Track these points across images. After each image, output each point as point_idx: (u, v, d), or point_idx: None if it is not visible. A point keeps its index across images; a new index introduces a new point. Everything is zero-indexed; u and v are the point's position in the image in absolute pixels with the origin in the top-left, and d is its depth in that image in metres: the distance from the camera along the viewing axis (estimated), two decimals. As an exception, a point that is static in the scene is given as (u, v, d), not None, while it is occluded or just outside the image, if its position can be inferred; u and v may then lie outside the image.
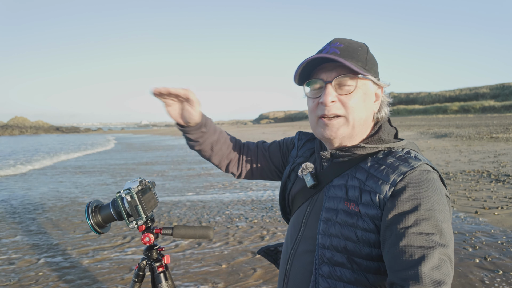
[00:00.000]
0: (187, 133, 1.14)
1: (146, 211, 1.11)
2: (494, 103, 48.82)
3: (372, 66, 0.95)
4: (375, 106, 0.98)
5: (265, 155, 1.26)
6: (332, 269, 0.89)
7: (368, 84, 0.94)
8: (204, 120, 1.13)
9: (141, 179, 1.18)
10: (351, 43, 0.95)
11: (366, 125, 0.97)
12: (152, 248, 1.23)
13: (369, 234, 0.85)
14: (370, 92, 0.95)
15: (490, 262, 3.18)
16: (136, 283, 1.22)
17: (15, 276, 3.19)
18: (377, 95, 0.98)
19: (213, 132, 1.17)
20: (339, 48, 0.93)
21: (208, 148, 1.19)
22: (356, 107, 0.92)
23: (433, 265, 0.71)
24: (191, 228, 1.20)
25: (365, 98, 0.94)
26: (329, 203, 0.93)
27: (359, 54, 0.93)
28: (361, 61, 0.92)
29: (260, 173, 1.28)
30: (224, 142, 1.22)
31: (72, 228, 4.61)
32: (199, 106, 1.08)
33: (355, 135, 0.96)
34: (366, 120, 0.96)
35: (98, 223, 1.14)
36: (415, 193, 0.81)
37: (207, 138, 1.16)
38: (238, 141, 1.30)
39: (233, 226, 4.52)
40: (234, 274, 3.14)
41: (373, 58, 0.97)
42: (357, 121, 0.93)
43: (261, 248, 1.30)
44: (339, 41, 0.95)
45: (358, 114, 0.93)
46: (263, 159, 1.26)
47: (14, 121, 65.44)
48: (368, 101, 0.95)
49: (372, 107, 0.97)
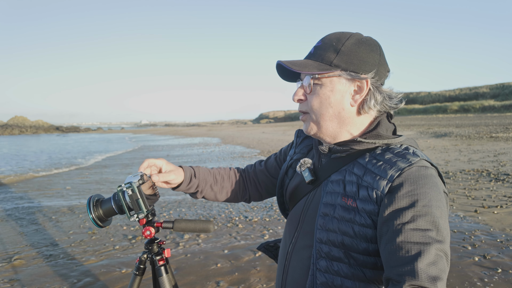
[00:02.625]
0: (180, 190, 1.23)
1: (147, 205, 1.12)
2: (494, 103, 48.80)
3: (350, 59, 0.92)
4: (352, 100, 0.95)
5: (264, 173, 1.31)
6: (330, 263, 0.90)
7: (334, 80, 0.93)
8: (190, 173, 1.22)
9: (142, 174, 1.19)
10: (331, 38, 0.95)
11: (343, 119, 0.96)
12: (153, 242, 1.24)
13: (366, 229, 0.85)
14: (340, 87, 0.93)
15: (489, 261, 3.19)
16: (137, 276, 1.23)
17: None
18: (359, 88, 0.94)
19: (207, 175, 1.26)
20: (317, 47, 0.97)
21: (210, 192, 1.27)
22: (316, 104, 0.95)
23: (430, 261, 0.72)
24: (191, 221, 1.21)
25: (332, 95, 0.94)
26: (326, 198, 0.94)
27: (330, 50, 0.94)
28: (328, 59, 0.93)
29: (266, 191, 1.33)
30: (222, 179, 1.30)
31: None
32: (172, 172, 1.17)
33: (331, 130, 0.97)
34: (337, 115, 0.95)
35: (100, 217, 1.15)
36: (413, 189, 0.81)
37: (204, 185, 1.25)
38: (239, 169, 1.36)
39: (233, 225, 4.53)
40: (235, 273, 3.15)
41: (355, 49, 0.93)
42: (320, 117, 0.96)
43: (261, 244, 1.32)
44: (322, 39, 0.98)
45: (320, 111, 0.95)
46: (264, 178, 1.31)
47: (14, 120, 65.41)
48: (337, 97, 0.94)
49: (344, 102, 0.94)
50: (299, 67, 0.93)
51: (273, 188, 1.30)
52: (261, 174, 1.31)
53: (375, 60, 0.94)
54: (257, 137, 22.88)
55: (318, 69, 0.93)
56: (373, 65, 0.93)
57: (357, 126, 0.98)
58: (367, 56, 0.93)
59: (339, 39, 0.95)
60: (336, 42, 0.94)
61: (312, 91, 0.96)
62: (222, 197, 1.30)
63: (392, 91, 0.98)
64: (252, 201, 1.35)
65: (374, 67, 0.93)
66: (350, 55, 0.92)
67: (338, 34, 0.97)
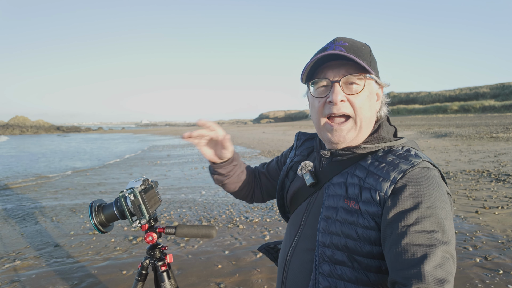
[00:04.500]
0: (219, 168, 1.18)
1: (149, 210, 1.12)
2: (494, 103, 48.73)
3: (375, 65, 0.96)
4: (377, 105, 0.98)
5: (266, 176, 1.32)
6: (333, 267, 0.88)
7: (372, 84, 0.95)
8: (236, 154, 1.19)
9: (144, 179, 1.18)
10: (354, 42, 0.95)
11: (371, 124, 0.97)
12: (155, 247, 1.24)
13: (370, 232, 0.84)
14: (374, 91, 0.96)
15: (490, 262, 3.19)
16: (139, 282, 1.23)
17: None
18: (378, 95, 0.98)
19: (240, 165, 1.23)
20: (344, 46, 0.92)
21: (234, 181, 1.24)
22: (363, 107, 0.92)
23: (436, 263, 0.71)
24: (194, 227, 1.21)
25: (370, 98, 0.94)
26: (329, 201, 0.93)
27: (363, 53, 0.93)
28: (366, 60, 0.92)
29: (267, 193, 1.34)
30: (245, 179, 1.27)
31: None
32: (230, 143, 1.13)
33: (361, 137, 0.96)
34: (371, 120, 0.96)
35: (101, 222, 1.14)
36: (416, 191, 0.80)
37: (236, 171, 1.21)
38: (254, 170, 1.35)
39: (234, 225, 4.52)
40: (236, 274, 3.15)
41: (374, 58, 0.97)
42: (364, 121, 0.94)
43: (262, 245, 1.32)
44: (343, 39, 0.94)
45: (365, 114, 0.93)
46: (265, 180, 1.32)
47: (15, 120, 65.38)
48: (373, 101, 0.95)
49: (375, 107, 0.97)
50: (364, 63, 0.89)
51: (273, 190, 1.31)
52: (263, 176, 1.32)
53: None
54: (257, 137, 22.86)
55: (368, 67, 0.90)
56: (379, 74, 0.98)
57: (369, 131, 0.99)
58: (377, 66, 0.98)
59: (363, 45, 0.95)
60: (362, 46, 0.94)
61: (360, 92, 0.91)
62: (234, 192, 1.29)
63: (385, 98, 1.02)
64: (254, 202, 1.36)
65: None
66: (375, 63, 0.96)
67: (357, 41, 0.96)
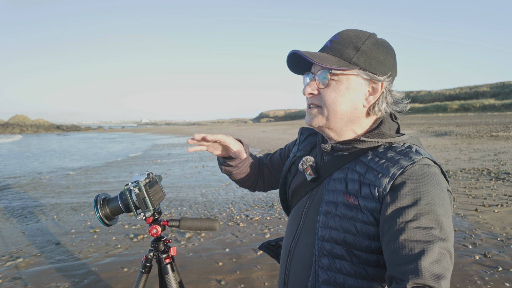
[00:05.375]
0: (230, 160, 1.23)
1: (154, 203, 1.13)
2: (494, 102, 48.74)
3: (369, 59, 0.92)
4: (366, 100, 0.95)
5: (268, 167, 1.34)
6: (332, 261, 0.90)
7: (351, 78, 0.92)
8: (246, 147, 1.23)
9: (148, 173, 1.20)
10: (349, 35, 0.94)
11: (352, 118, 0.96)
12: (159, 240, 1.26)
13: (369, 227, 0.85)
14: (356, 86, 0.93)
15: (490, 259, 3.21)
16: (144, 274, 1.25)
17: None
18: (374, 89, 0.94)
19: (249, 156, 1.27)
20: (333, 41, 0.94)
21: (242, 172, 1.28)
22: (331, 100, 0.93)
23: (433, 259, 0.71)
24: (197, 220, 1.22)
25: (347, 92, 0.93)
26: (328, 196, 0.94)
27: (349, 47, 0.92)
28: (347, 55, 0.91)
29: (269, 184, 1.36)
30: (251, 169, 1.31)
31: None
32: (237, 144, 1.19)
33: (338, 127, 0.97)
34: (349, 114, 0.95)
35: (107, 215, 1.16)
36: (415, 187, 0.81)
37: (245, 163, 1.25)
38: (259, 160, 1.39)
39: (234, 223, 4.54)
40: (237, 271, 3.17)
41: (374, 50, 0.93)
42: (332, 113, 0.94)
43: (263, 243, 1.32)
44: (339, 33, 0.95)
45: (334, 107, 0.93)
46: (268, 172, 1.34)
47: (15, 119, 65.36)
48: (352, 95, 0.93)
49: (357, 101, 0.94)
50: (319, 59, 0.91)
51: (275, 182, 1.34)
52: (266, 168, 1.34)
53: (390, 63, 0.94)
54: (257, 136, 22.88)
55: (338, 64, 0.91)
56: (388, 68, 0.93)
57: (362, 126, 0.98)
58: (384, 59, 0.93)
59: (358, 37, 0.93)
60: (356, 39, 0.93)
61: (328, 85, 0.93)
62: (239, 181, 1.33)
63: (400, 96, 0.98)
64: (256, 191, 1.39)
65: (389, 70, 0.93)
66: (369, 55, 0.92)
67: (357, 31, 0.95)
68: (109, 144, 23.70)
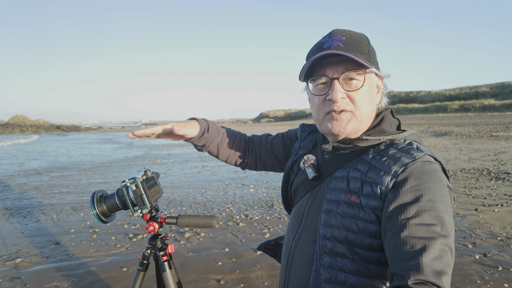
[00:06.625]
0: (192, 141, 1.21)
1: (151, 200, 1.12)
2: (494, 102, 48.76)
3: (374, 57, 0.95)
4: (377, 97, 0.98)
5: (268, 148, 1.31)
6: (333, 259, 0.89)
7: (372, 77, 0.94)
8: (204, 127, 1.19)
9: (145, 169, 1.19)
10: (352, 35, 0.94)
11: (372, 117, 0.98)
12: (157, 237, 1.25)
13: (370, 225, 0.85)
14: (374, 84, 0.96)
15: (489, 259, 3.20)
16: (141, 272, 1.24)
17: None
18: (378, 87, 0.98)
19: (216, 134, 1.24)
20: (341, 40, 0.91)
21: (214, 149, 1.27)
22: (364, 102, 0.92)
23: (434, 255, 0.72)
24: (195, 217, 1.22)
25: (371, 92, 0.94)
26: (330, 194, 0.94)
27: (362, 46, 0.92)
28: (364, 54, 0.91)
29: (263, 165, 1.34)
30: (229, 141, 1.28)
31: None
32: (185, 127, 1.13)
33: (362, 129, 0.97)
34: (372, 113, 0.97)
35: (103, 212, 1.15)
36: (417, 184, 0.81)
37: (212, 141, 1.23)
38: (244, 136, 1.36)
39: (234, 223, 4.53)
40: (237, 271, 3.16)
41: (373, 49, 0.96)
42: (364, 115, 0.94)
43: (261, 244, 1.32)
44: (340, 33, 0.93)
45: (365, 109, 0.93)
46: (266, 152, 1.31)
47: (15, 119, 65.28)
48: (373, 94, 0.95)
49: (376, 100, 0.97)
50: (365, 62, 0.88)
51: (270, 165, 1.33)
52: (265, 150, 1.32)
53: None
54: (257, 136, 22.84)
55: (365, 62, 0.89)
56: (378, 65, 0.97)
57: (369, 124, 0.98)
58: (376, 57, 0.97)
59: (361, 36, 0.94)
60: (360, 39, 0.93)
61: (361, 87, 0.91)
62: (223, 157, 1.31)
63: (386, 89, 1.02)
64: (247, 169, 1.38)
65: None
66: (374, 54, 0.95)
67: (354, 32, 0.95)
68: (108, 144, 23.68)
